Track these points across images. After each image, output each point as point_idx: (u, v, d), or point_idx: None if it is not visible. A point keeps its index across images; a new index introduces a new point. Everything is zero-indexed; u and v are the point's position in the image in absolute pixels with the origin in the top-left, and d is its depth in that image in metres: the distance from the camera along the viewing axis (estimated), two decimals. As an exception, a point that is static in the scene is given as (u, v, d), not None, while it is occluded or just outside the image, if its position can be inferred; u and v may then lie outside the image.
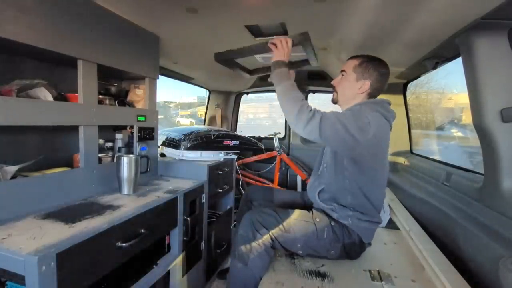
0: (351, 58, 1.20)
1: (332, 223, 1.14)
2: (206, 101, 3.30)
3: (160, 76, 1.54)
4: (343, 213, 1.14)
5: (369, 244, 1.20)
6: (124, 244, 0.90)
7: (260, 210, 1.16)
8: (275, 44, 1.17)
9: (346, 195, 1.13)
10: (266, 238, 1.07)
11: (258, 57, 2.03)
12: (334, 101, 1.27)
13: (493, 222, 1.00)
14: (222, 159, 1.76)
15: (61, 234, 0.76)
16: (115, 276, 0.98)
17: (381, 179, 1.14)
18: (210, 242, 1.64)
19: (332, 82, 1.25)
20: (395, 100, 2.25)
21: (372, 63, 1.14)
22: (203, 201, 1.51)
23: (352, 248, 1.15)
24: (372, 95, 1.16)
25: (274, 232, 1.08)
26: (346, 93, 1.19)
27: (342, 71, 1.21)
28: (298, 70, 2.50)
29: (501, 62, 0.97)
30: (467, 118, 2.69)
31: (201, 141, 1.70)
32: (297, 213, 1.16)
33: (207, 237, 1.59)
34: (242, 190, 2.70)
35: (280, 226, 1.09)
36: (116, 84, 1.40)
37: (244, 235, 1.08)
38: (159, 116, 1.54)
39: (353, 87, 1.16)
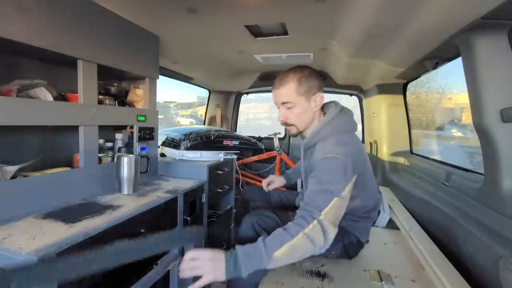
0: (281, 86, 1.02)
1: None
2: (206, 101, 3.29)
3: (160, 76, 1.54)
4: None
5: (367, 241, 1.20)
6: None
7: (260, 213, 1.15)
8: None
9: None
10: None
11: (258, 57, 2.03)
12: (295, 135, 1.13)
13: (493, 222, 1.00)
14: (222, 159, 1.76)
15: (61, 234, 0.76)
16: (115, 276, 0.98)
17: (369, 183, 1.12)
18: (210, 242, 1.64)
19: (281, 120, 1.08)
20: (395, 100, 2.25)
21: (306, 72, 1.01)
22: (203, 201, 1.51)
23: (351, 248, 1.16)
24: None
25: None
26: (305, 120, 1.06)
27: (283, 103, 1.04)
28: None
29: (501, 62, 0.97)
30: (467, 118, 2.69)
31: (201, 141, 1.70)
32: None
33: (207, 237, 1.59)
34: (241, 191, 2.70)
35: None
36: (116, 84, 1.40)
37: (245, 239, 1.08)
38: (159, 116, 1.54)
39: (308, 109, 1.04)
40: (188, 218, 1.32)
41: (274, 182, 1.45)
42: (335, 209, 0.89)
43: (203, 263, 0.81)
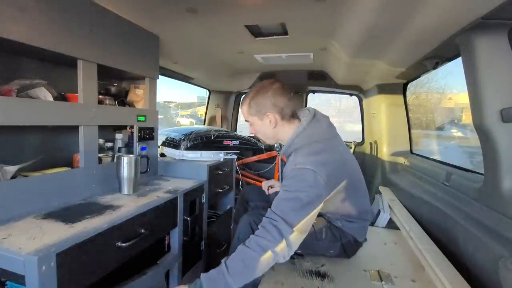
0: (241, 106, 1.17)
1: (328, 224, 1.15)
2: (206, 101, 3.29)
3: (160, 76, 1.54)
4: (332, 217, 1.15)
5: (365, 240, 1.21)
6: (124, 244, 0.90)
7: (258, 212, 1.15)
8: None
9: (331, 211, 1.14)
10: None
11: (258, 57, 2.03)
12: (269, 145, 1.21)
13: (493, 222, 1.00)
14: (222, 159, 1.76)
15: (61, 234, 0.76)
16: (115, 276, 0.98)
17: (358, 188, 1.13)
18: (210, 242, 1.64)
19: (251, 133, 1.19)
20: (395, 100, 2.25)
21: (254, 96, 1.07)
22: (203, 201, 1.51)
23: (349, 247, 1.16)
24: (286, 115, 1.07)
25: None
26: (267, 135, 1.13)
27: (246, 121, 1.16)
28: (299, 70, 2.51)
29: (501, 62, 0.97)
30: (467, 118, 2.69)
31: (201, 141, 1.70)
32: None
33: (207, 237, 1.59)
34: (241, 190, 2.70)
35: None
36: (116, 84, 1.40)
37: (242, 238, 1.08)
38: (159, 116, 1.54)
39: (264, 127, 1.09)
40: (188, 218, 1.32)
41: (275, 186, 1.45)
42: (308, 220, 0.91)
43: None
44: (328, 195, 0.99)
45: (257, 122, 1.10)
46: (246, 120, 1.16)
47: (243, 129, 3.60)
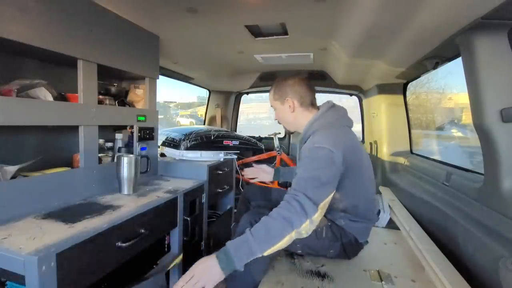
0: (269, 92, 1.28)
1: (329, 223, 1.14)
2: (206, 101, 3.29)
3: (160, 76, 1.54)
4: (335, 215, 1.15)
5: (366, 242, 1.20)
6: (124, 244, 0.90)
7: (258, 211, 1.16)
8: None
9: (335, 203, 1.13)
10: None
11: (258, 57, 2.03)
12: (291, 133, 1.35)
13: (493, 222, 1.00)
14: (222, 159, 1.76)
15: (61, 234, 0.76)
16: (115, 276, 0.98)
17: (365, 181, 1.14)
18: (210, 242, 1.64)
19: (275, 119, 1.30)
20: (395, 100, 2.25)
21: (278, 83, 1.22)
22: (203, 201, 1.51)
23: (349, 248, 1.16)
24: (304, 103, 1.17)
25: None
26: (287, 120, 1.23)
27: (272, 106, 1.28)
28: (298, 70, 2.51)
29: (501, 62, 0.97)
30: (467, 118, 2.69)
31: (201, 141, 1.70)
32: None
33: (207, 237, 1.59)
34: (242, 190, 2.70)
35: None
36: (116, 84, 1.40)
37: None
38: (159, 116, 1.54)
39: (285, 111, 1.20)
40: (188, 218, 1.32)
41: (259, 176, 1.53)
42: (327, 198, 0.94)
43: (197, 273, 0.83)
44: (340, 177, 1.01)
45: (279, 107, 1.21)
46: (271, 106, 1.27)
47: (243, 129, 3.60)
